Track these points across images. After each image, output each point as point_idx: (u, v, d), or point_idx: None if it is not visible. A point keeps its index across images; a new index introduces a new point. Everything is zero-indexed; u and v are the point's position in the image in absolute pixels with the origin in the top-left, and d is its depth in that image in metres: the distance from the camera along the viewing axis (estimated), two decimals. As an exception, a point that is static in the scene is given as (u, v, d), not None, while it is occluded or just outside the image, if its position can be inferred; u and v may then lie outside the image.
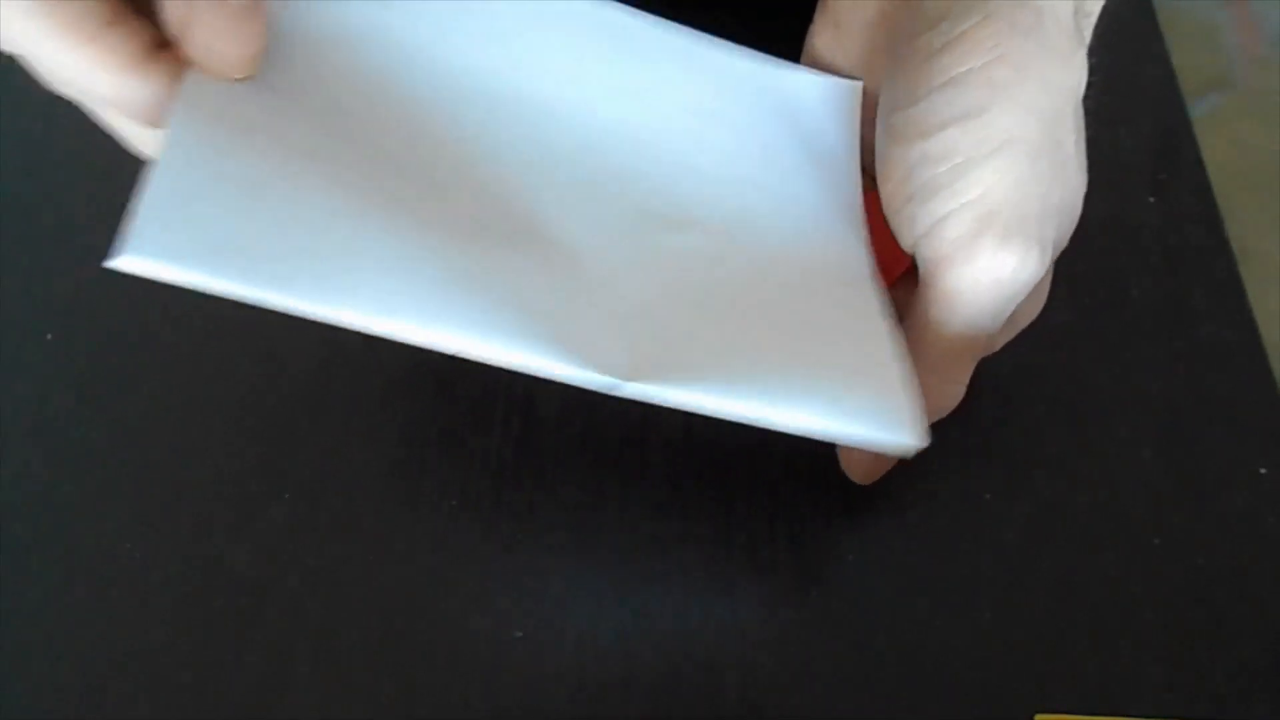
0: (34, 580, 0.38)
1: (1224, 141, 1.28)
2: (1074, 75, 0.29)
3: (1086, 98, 0.32)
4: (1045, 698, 0.34)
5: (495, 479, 0.39)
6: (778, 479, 0.38)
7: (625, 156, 0.33)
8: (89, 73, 0.26)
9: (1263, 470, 0.37)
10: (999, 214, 0.29)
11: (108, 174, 0.47)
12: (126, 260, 0.25)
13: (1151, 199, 0.43)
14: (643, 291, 0.29)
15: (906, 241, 0.31)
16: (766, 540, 0.37)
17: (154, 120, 0.27)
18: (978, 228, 0.29)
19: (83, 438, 0.40)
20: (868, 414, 0.29)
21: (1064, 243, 0.32)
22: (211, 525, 0.38)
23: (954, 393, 0.33)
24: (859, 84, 0.35)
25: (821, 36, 0.35)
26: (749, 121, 0.35)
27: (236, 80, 0.27)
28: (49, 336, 0.43)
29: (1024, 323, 0.34)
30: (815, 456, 0.39)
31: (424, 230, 0.27)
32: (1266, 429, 0.38)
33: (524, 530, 0.38)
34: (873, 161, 0.33)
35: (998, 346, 0.35)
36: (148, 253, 0.25)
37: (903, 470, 0.37)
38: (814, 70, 0.36)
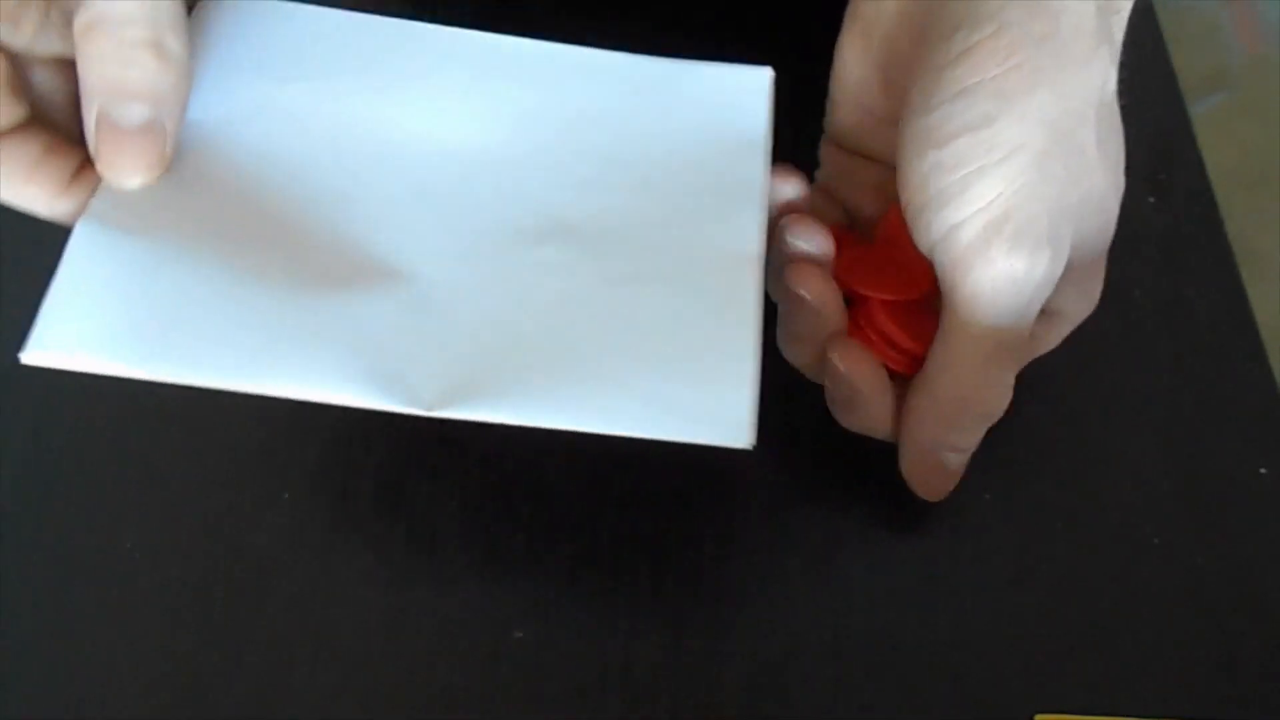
0: (34, 580, 0.38)
1: (1224, 141, 1.28)
2: (1094, 78, 0.30)
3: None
4: (1045, 698, 0.34)
5: (495, 479, 0.39)
6: (778, 479, 0.38)
7: (500, 178, 0.35)
8: (28, 200, 0.32)
9: (1263, 470, 0.37)
10: (1008, 219, 0.30)
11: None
12: (31, 355, 0.30)
13: (1151, 199, 0.43)
14: (482, 313, 0.32)
15: (924, 247, 0.32)
16: (766, 540, 0.37)
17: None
18: (988, 233, 0.30)
19: (83, 438, 0.40)
20: (699, 418, 0.31)
21: (1096, 239, 0.32)
22: (212, 525, 0.38)
23: (995, 396, 0.33)
24: (769, 70, 0.37)
25: (851, 48, 0.36)
26: (648, 122, 0.36)
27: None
28: (49, 336, 0.43)
29: (1074, 320, 0.35)
30: (817, 456, 0.39)
31: (283, 292, 0.31)
32: (1266, 429, 0.38)
33: (524, 530, 0.38)
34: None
35: (1047, 347, 0.35)
36: (49, 347, 0.30)
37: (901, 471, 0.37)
38: (725, 64, 0.37)
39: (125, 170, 0.31)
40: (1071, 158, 0.30)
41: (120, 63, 0.30)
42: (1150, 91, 0.45)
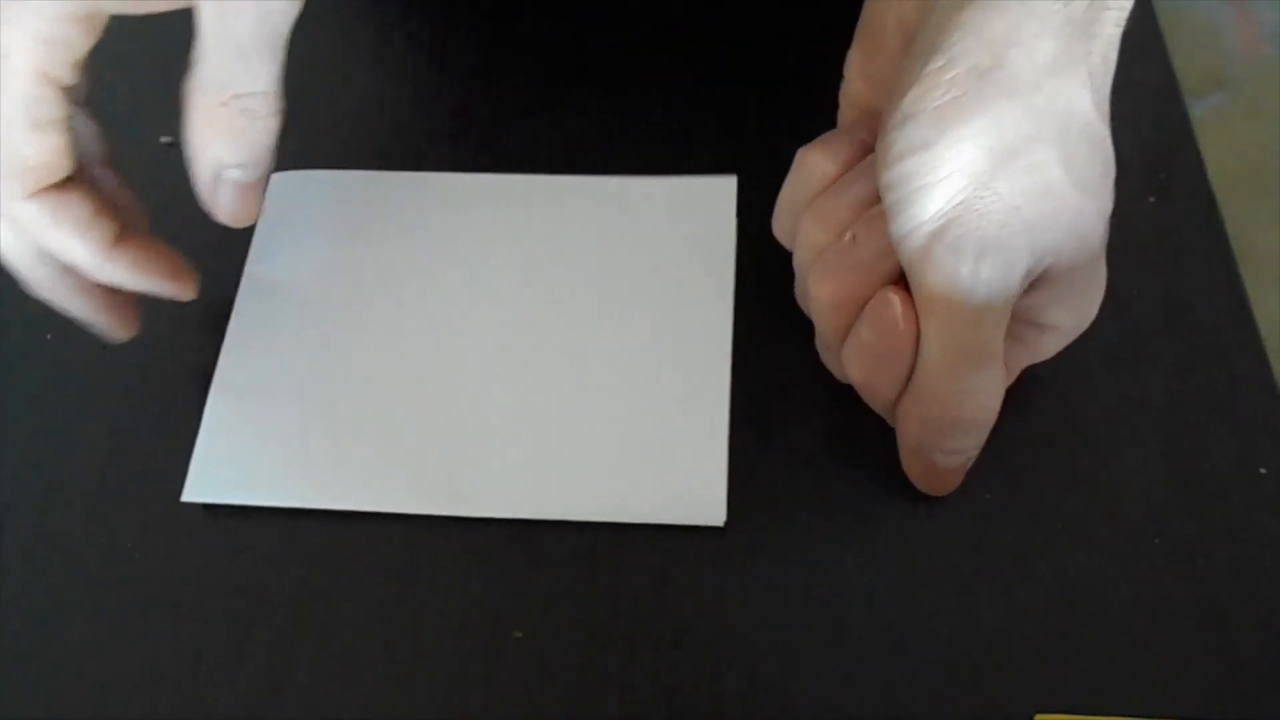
0: (34, 580, 0.38)
1: (1224, 141, 1.28)
2: (1052, 103, 0.31)
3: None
4: (1045, 698, 0.34)
5: (495, 479, 0.39)
6: (778, 478, 0.38)
7: (513, 305, 0.42)
8: (83, 255, 0.36)
9: (1263, 470, 0.37)
10: (947, 230, 0.32)
11: (108, 174, 0.47)
12: (190, 496, 0.39)
13: (1151, 199, 0.43)
14: (508, 431, 0.39)
15: (897, 254, 0.34)
16: (766, 540, 0.37)
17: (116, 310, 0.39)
18: (929, 242, 0.32)
19: (82, 438, 0.40)
20: (681, 505, 0.37)
21: (1073, 254, 0.33)
22: (212, 525, 0.38)
23: (972, 404, 0.34)
24: (733, 178, 0.44)
25: (855, 61, 0.38)
26: (632, 236, 0.43)
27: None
28: (49, 336, 0.43)
29: (1069, 333, 0.37)
30: (818, 456, 0.39)
31: (361, 427, 0.39)
32: (1266, 429, 0.38)
33: (524, 530, 0.38)
34: None
35: (1040, 357, 0.37)
36: (204, 492, 0.39)
37: (902, 470, 0.37)
38: (694, 177, 0.44)
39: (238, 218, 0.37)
40: (1023, 178, 0.32)
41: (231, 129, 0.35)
42: (1150, 91, 0.45)
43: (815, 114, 0.46)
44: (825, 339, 0.37)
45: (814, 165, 0.37)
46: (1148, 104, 0.45)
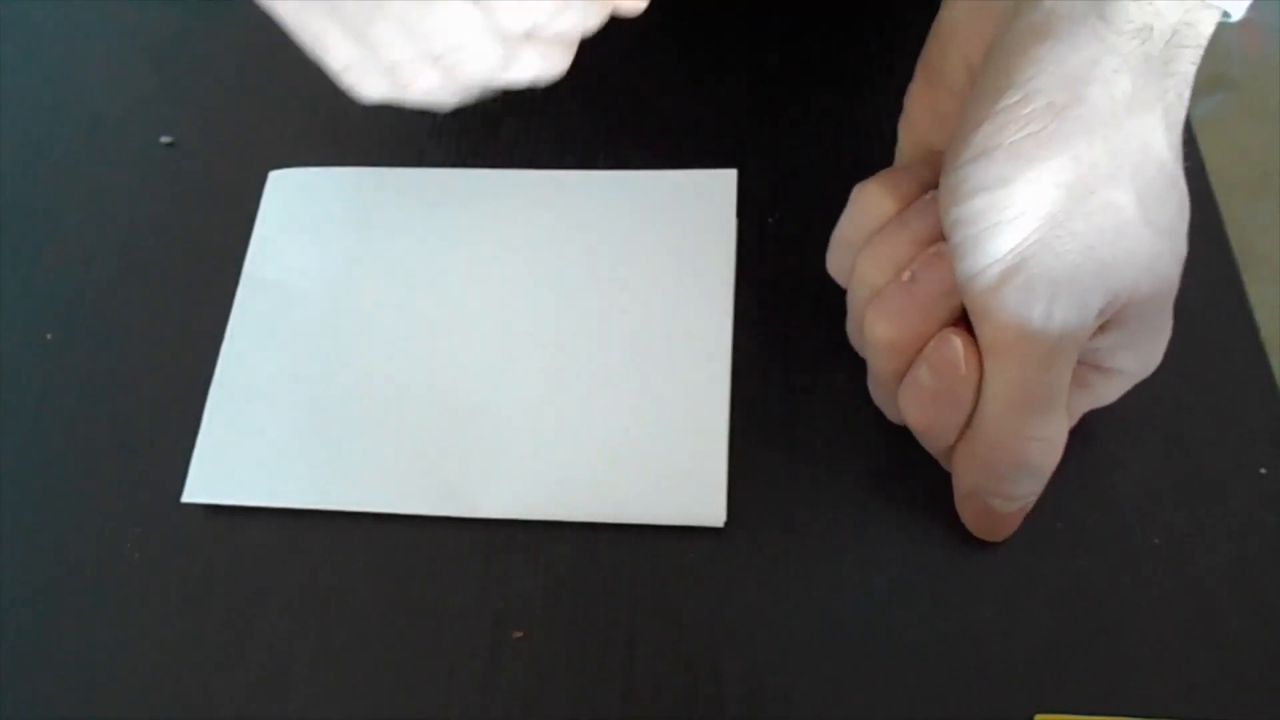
0: (34, 579, 0.38)
1: (1224, 142, 1.28)
2: (1128, 143, 0.31)
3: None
4: (1045, 698, 0.34)
5: (495, 479, 0.39)
6: (779, 478, 0.38)
7: (521, 302, 0.42)
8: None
9: (1263, 470, 0.37)
10: (1020, 270, 0.31)
11: (107, 175, 0.47)
12: (191, 497, 0.39)
13: (1151, 199, 0.43)
14: (517, 432, 0.39)
15: (962, 296, 0.33)
16: (766, 540, 0.37)
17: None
18: (1000, 282, 0.31)
19: (83, 438, 0.40)
20: (681, 505, 0.37)
21: (1147, 298, 0.32)
22: (212, 525, 0.38)
23: (1033, 449, 0.33)
24: (733, 172, 0.44)
25: (917, 95, 0.37)
26: (636, 231, 0.43)
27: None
28: (49, 336, 0.43)
29: (1134, 378, 0.36)
30: (818, 456, 0.39)
31: (364, 426, 0.39)
32: (1266, 429, 0.38)
33: (525, 530, 0.38)
34: None
35: (1102, 401, 0.36)
36: (203, 493, 0.39)
37: (902, 470, 0.37)
38: (695, 170, 0.44)
39: None
40: (1099, 217, 0.31)
41: None
42: (1150, 91, 0.45)
43: (815, 109, 0.47)
44: (881, 380, 0.36)
45: (872, 201, 0.36)
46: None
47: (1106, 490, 0.37)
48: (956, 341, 0.33)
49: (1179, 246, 0.33)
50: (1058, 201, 0.31)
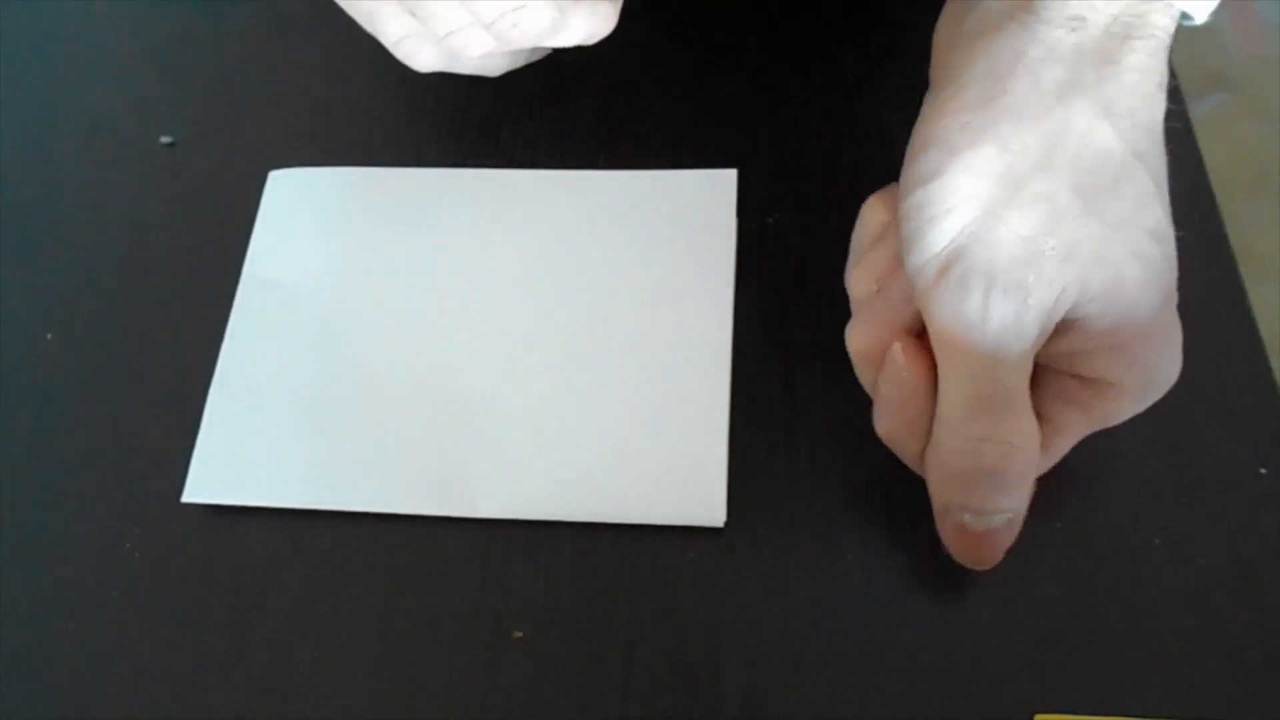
0: (34, 579, 0.38)
1: (1224, 141, 1.28)
2: (1058, 132, 0.31)
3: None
4: (1045, 698, 0.34)
5: (495, 479, 0.39)
6: (778, 478, 0.38)
7: (521, 301, 0.42)
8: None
9: (1263, 470, 0.37)
10: (956, 262, 0.31)
11: (108, 175, 0.47)
12: (190, 497, 0.39)
13: (1151, 199, 0.42)
14: (518, 431, 0.39)
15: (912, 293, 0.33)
16: (766, 540, 0.37)
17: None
18: (938, 275, 0.31)
19: (83, 438, 0.40)
20: (681, 505, 0.37)
21: (1104, 294, 0.32)
22: (212, 525, 0.38)
23: (990, 451, 0.32)
24: (733, 172, 0.44)
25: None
26: (636, 231, 0.43)
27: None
28: (49, 336, 0.43)
29: (1133, 392, 0.34)
30: (818, 455, 0.39)
31: (366, 426, 0.39)
32: (1266, 429, 0.38)
33: (525, 530, 0.38)
34: None
35: (1096, 417, 0.34)
36: (203, 493, 0.39)
37: (902, 470, 0.37)
38: (695, 170, 0.44)
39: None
40: (1033, 206, 0.31)
41: None
42: (1150, 91, 0.45)
43: (815, 109, 0.47)
44: (869, 392, 0.36)
45: (870, 215, 0.36)
46: (1148, 104, 0.45)
47: (1106, 490, 0.37)
48: (896, 346, 0.33)
49: (1138, 243, 0.32)
50: (989, 190, 0.31)
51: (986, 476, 0.33)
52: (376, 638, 0.36)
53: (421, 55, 0.38)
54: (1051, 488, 0.37)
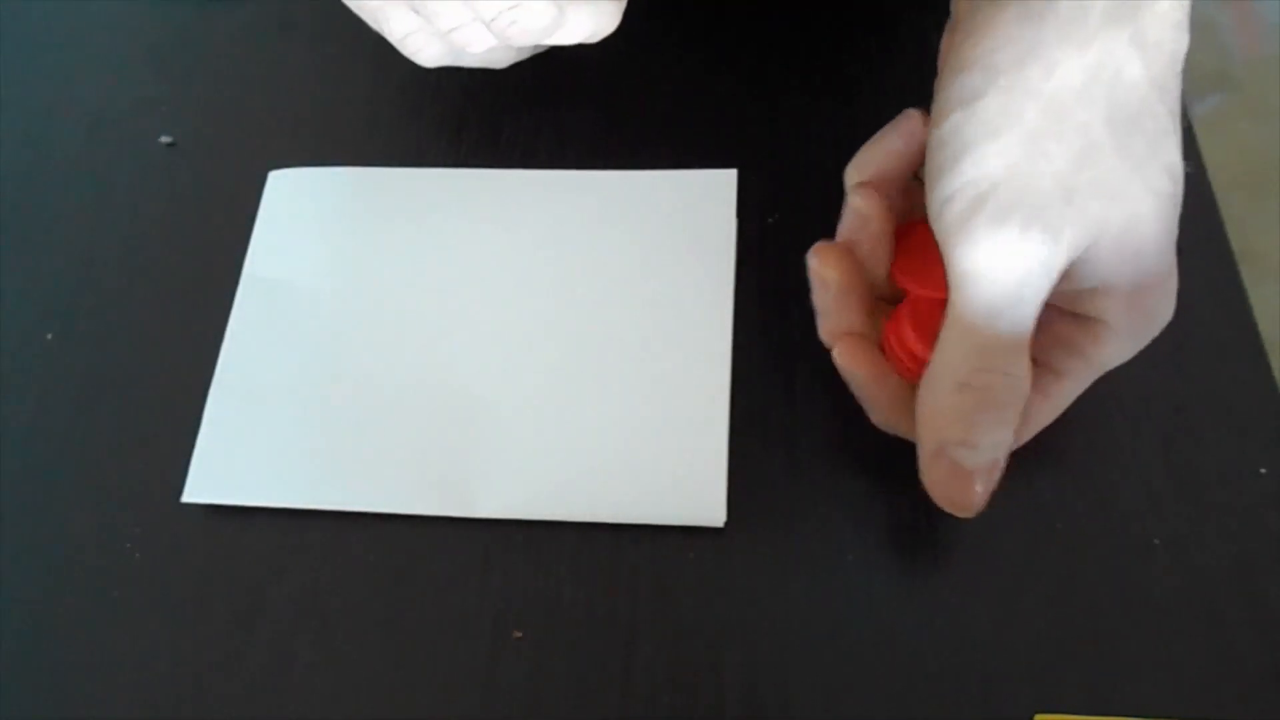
0: (34, 580, 0.38)
1: (1224, 141, 1.28)
2: (1098, 62, 0.30)
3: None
4: (1045, 698, 0.34)
5: (495, 479, 0.39)
6: (778, 479, 0.38)
7: (522, 300, 0.42)
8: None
9: (1263, 470, 0.37)
10: (994, 193, 0.30)
11: (107, 175, 0.47)
12: (190, 497, 0.39)
13: (1151, 199, 0.43)
14: (519, 429, 0.39)
15: (931, 225, 0.32)
16: (766, 540, 0.37)
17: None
18: (973, 208, 0.30)
19: (82, 438, 0.40)
20: (681, 505, 0.37)
21: (1120, 235, 0.31)
22: (212, 525, 0.38)
23: (1001, 385, 0.32)
24: (733, 172, 0.44)
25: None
26: (636, 231, 0.43)
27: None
28: (49, 336, 0.43)
29: (1124, 334, 0.34)
30: (817, 456, 0.39)
31: (365, 425, 0.39)
32: (1266, 429, 0.38)
33: (525, 530, 0.38)
34: None
35: (1091, 361, 0.34)
36: (203, 493, 0.39)
37: (902, 470, 0.37)
38: (695, 170, 0.44)
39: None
40: (1072, 138, 0.30)
41: None
42: (1150, 91, 0.45)
43: (815, 109, 0.47)
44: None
45: (828, 274, 0.36)
46: (1148, 104, 0.45)
47: (1106, 490, 0.37)
48: (834, 357, 0.35)
49: (1156, 182, 0.31)
50: (1034, 116, 0.30)
51: (987, 407, 0.32)
52: (376, 638, 0.36)
53: (426, 51, 0.39)
54: (1052, 487, 0.37)
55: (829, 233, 0.37)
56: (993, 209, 0.30)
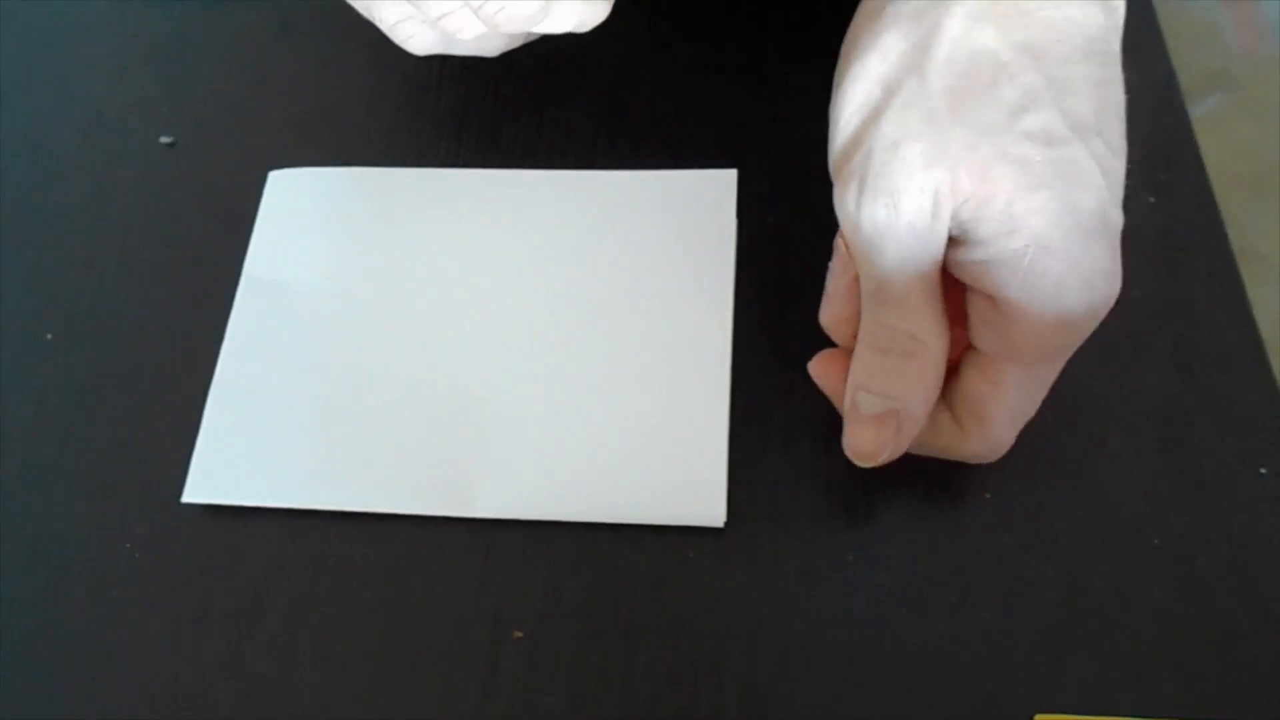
0: (34, 580, 0.38)
1: (1224, 141, 1.28)
2: (924, 31, 0.32)
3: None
4: (1045, 698, 0.34)
5: (495, 479, 0.39)
6: (778, 479, 0.38)
7: (523, 300, 0.42)
8: None
9: (1263, 470, 0.37)
10: (845, 163, 0.33)
11: (108, 175, 0.47)
12: (190, 497, 0.39)
13: (1151, 199, 0.43)
14: (520, 431, 0.39)
15: None
16: (766, 540, 0.37)
17: None
18: (834, 174, 0.33)
19: (82, 438, 0.40)
20: (681, 505, 0.37)
21: (977, 192, 0.31)
22: (212, 525, 0.38)
23: (895, 339, 0.34)
24: (733, 172, 0.44)
25: None
26: (637, 231, 0.43)
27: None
28: (49, 336, 0.43)
29: (1034, 318, 0.32)
30: (816, 456, 0.39)
31: (366, 426, 0.39)
32: (1266, 429, 0.38)
33: (525, 530, 0.38)
34: None
35: (1015, 348, 0.33)
36: (203, 493, 0.39)
37: (902, 470, 0.37)
38: (695, 170, 0.44)
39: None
40: (905, 111, 0.32)
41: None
42: (1150, 91, 0.45)
43: (815, 109, 0.46)
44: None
45: (831, 384, 0.37)
46: (1148, 104, 0.45)
47: (1106, 490, 0.37)
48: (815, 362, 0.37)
49: (1017, 148, 0.31)
50: (873, 97, 0.32)
51: (880, 358, 0.34)
52: (376, 638, 0.36)
53: (417, 39, 0.39)
54: (1052, 488, 0.37)
55: (829, 233, 0.37)
56: (843, 176, 0.33)
